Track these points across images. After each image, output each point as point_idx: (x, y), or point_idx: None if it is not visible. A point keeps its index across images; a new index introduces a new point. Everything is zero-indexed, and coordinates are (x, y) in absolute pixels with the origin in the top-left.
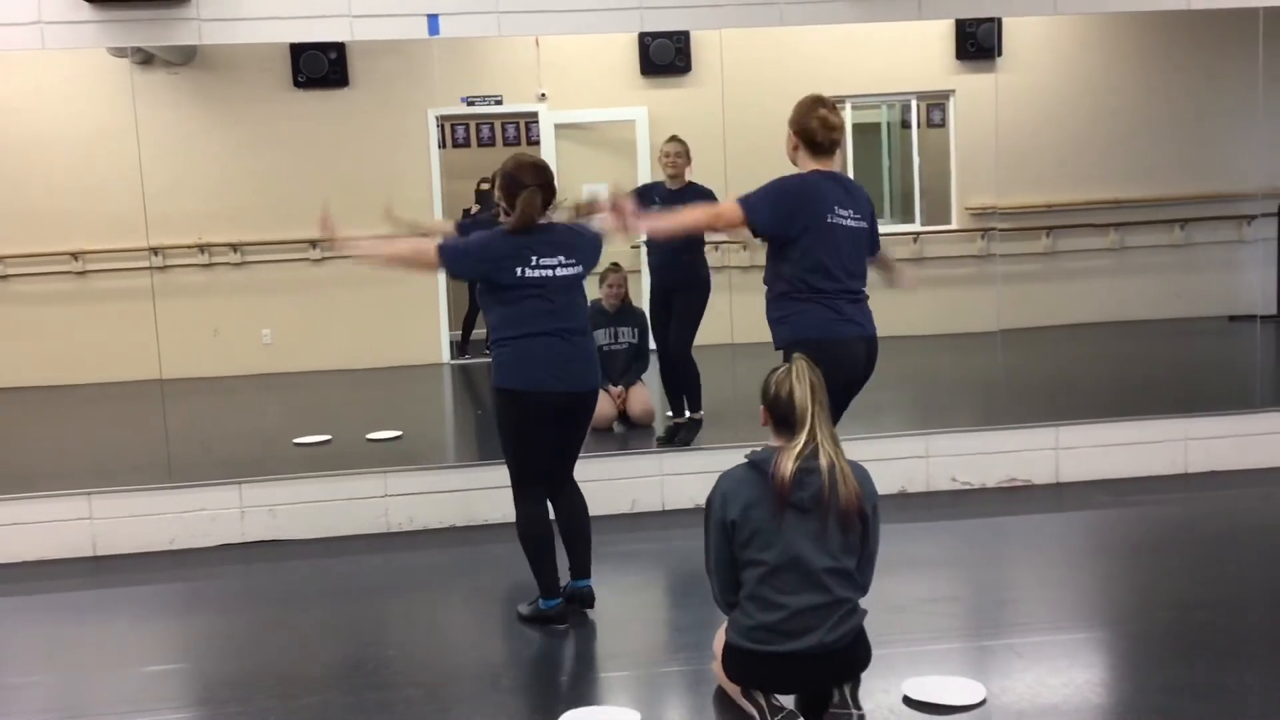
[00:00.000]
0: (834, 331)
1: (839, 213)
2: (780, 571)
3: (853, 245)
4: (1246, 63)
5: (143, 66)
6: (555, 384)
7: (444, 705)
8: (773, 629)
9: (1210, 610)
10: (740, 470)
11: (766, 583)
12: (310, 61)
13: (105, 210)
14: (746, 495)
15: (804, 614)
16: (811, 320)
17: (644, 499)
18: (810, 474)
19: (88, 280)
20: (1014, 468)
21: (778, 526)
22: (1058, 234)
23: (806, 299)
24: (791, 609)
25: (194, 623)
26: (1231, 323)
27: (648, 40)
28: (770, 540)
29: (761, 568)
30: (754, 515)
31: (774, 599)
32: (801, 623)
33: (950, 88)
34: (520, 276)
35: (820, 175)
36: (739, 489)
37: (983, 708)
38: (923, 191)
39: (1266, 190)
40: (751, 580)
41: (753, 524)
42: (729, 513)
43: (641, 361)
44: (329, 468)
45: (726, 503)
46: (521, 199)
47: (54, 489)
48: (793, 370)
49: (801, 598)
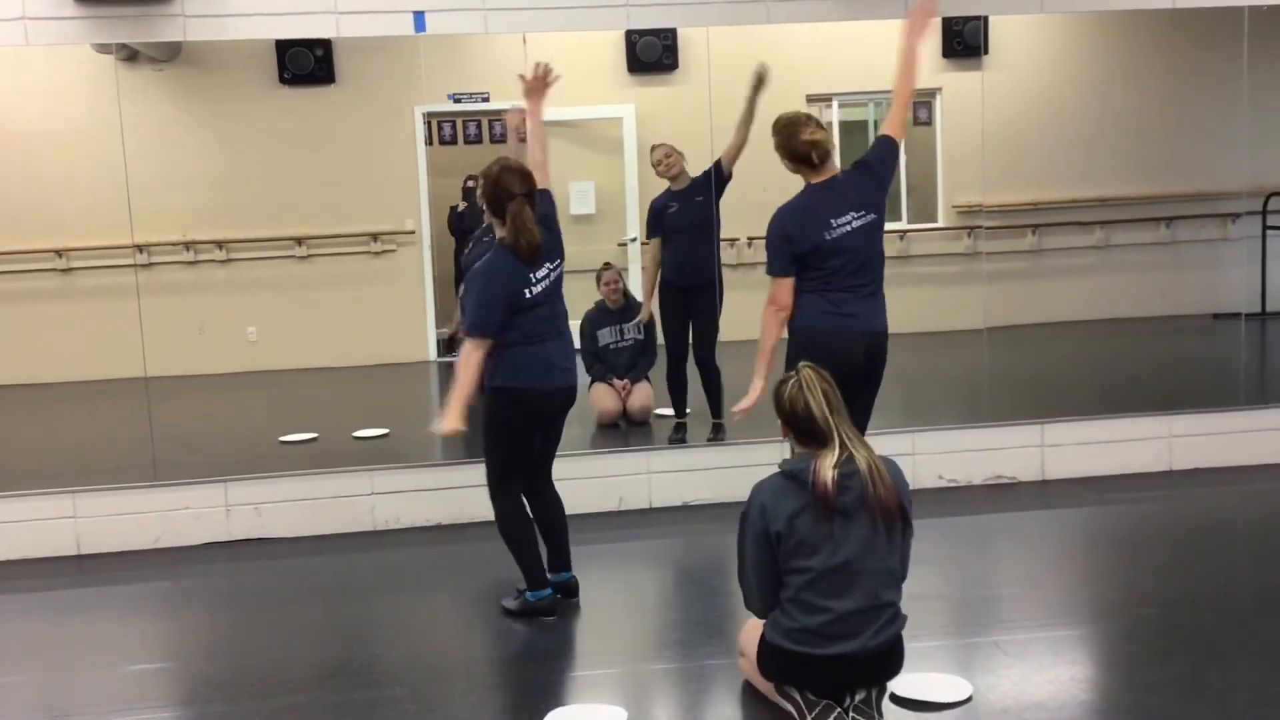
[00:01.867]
0: (827, 324)
1: (837, 224)
2: (826, 576)
3: (859, 245)
4: (1231, 61)
5: (128, 63)
6: (553, 381)
7: (430, 704)
8: (816, 632)
9: (1194, 607)
10: (776, 481)
11: (811, 588)
12: (296, 58)
13: (90, 207)
14: (789, 506)
15: (849, 618)
16: (807, 313)
17: (631, 496)
18: (850, 478)
19: (72, 278)
20: (1000, 465)
21: (826, 533)
22: (1044, 232)
23: (809, 291)
24: (837, 613)
25: (179, 622)
26: (1216, 320)
27: (635, 38)
28: (817, 547)
29: (807, 574)
30: (799, 525)
31: (818, 603)
32: (846, 626)
33: (937, 86)
34: (529, 298)
35: (813, 191)
36: (780, 500)
37: (969, 705)
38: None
39: (1251, 188)
40: (795, 585)
41: (798, 534)
42: (772, 524)
43: (648, 357)
44: (315, 466)
45: (768, 514)
46: (511, 214)
47: (37, 487)
48: (800, 383)
49: (846, 602)
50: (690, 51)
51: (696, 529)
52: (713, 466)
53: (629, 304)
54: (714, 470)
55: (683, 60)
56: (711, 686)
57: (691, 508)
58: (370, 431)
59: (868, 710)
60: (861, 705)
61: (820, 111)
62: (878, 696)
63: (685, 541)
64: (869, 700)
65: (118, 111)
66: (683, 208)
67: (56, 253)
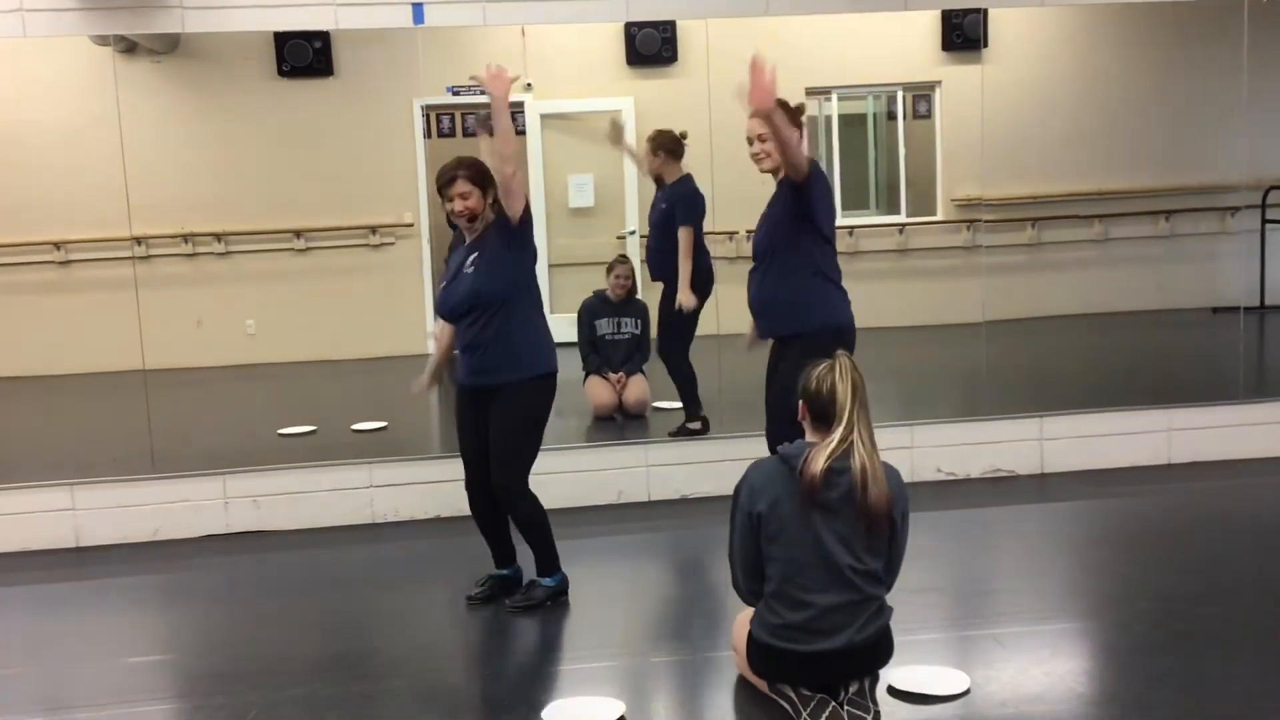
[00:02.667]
0: (852, 318)
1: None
2: (807, 569)
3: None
4: (1231, 54)
5: (126, 55)
6: None
7: (428, 696)
8: (801, 628)
9: (1193, 600)
10: (770, 463)
11: (793, 580)
12: (294, 50)
13: (88, 200)
14: (775, 489)
15: (833, 612)
16: (843, 308)
17: (629, 490)
18: (840, 474)
19: (70, 270)
20: (998, 458)
21: (805, 524)
22: (1043, 225)
23: (836, 285)
24: (820, 607)
25: (178, 614)
26: (1215, 314)
27: (634, 30)
28: (796, 536)
29: (788, 565)
30: (781, 510)
31: (801, 597)
32: (830, 621)
33: (936, 79)
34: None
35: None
36: (767, 483)
37: (966, 697)
38: (908, 183)
39: (1250, 182)
40: (777, 576)
41: (779, 519)
42: (756, 504)
43: (643, 352)
44: (314, 458)
45: (754, 494)
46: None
47: (36, 480)
48: (836, 366)
49: (829, 595)
50: (689, 44)
51: (695, 522)
52: (711, 460)
53: (631, 299)
54: (712, 463)
55: (682, 53)
56: (709, 679)
57: (690, 501)
58: (369, 425)
59: (862, 702)
60: (855, 698)
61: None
62: (871, 686)
63: (683, 535)
64: (862, 691)
65: (115, 103)
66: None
67: (54, 245)
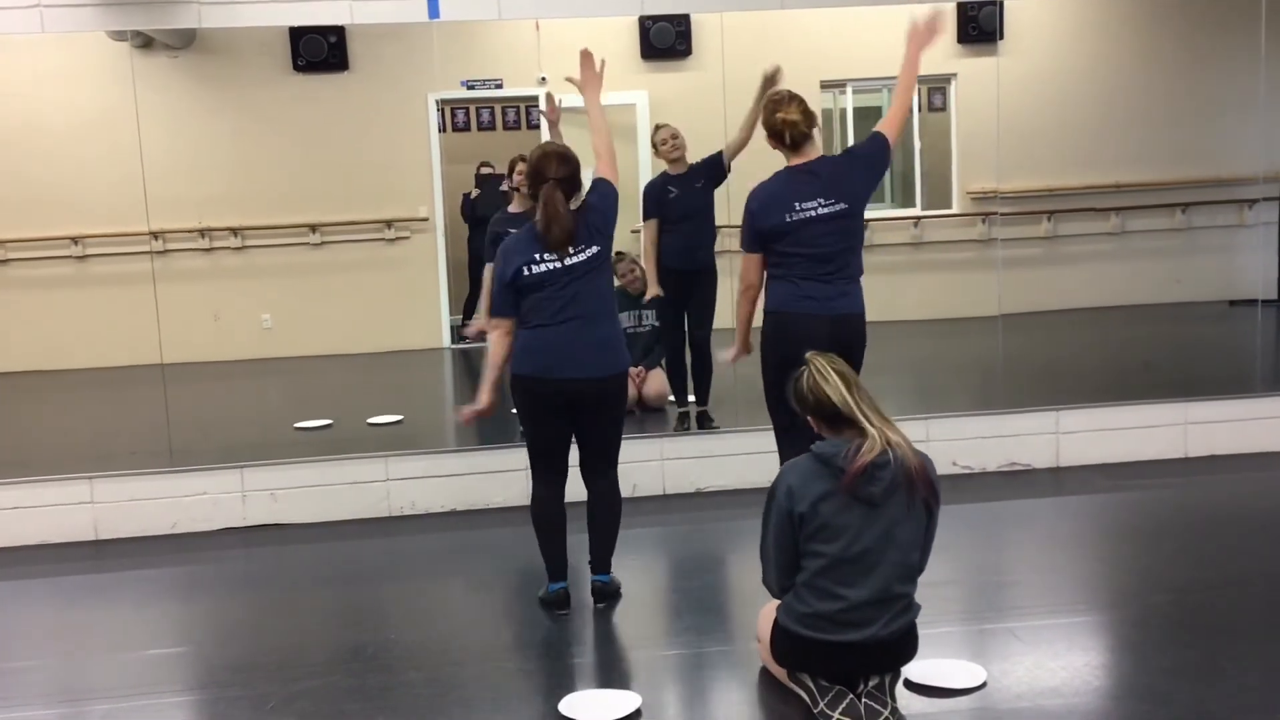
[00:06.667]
0: (788, 306)
1: (801, 207)
2: (844, 564)
3: (822, 231)
4: (1248, 46)
5: (142, 50)
6: (555, 372)
7: (445, 689)
8: (829, 618)
9: (1209, 594)
10: (806, 462)
11: (827, 574)
12: (310, 45)
13: (105, 194)
14: (817, 489)
15: (862, 607)
16: (774, 295)
17: (644, 483)
18: (883, 469)
19: (88, 264)
20: (1014, 452)
21: (848, 521)
22: (1059, 218)
23: (778, 277)
24: (851, 601)
25: (195, 607)
26: (1232, 307)
27: (648, 23)
28: (838, 534)
29: (824, 559)
30: (823, 509)
31: (833, 589)
32: (859, 615)
33: (952, 72)
34: (528, 277)
35: (787, 173)
36: (809, 483)
37: (983, 691)
38: (924, 175)
39: (1268, 174)
40: (811, 569)
41: (822, 518)
42: (797, 505)
43: (663, 345)
44: (330, 452)
45: (794, 495)
46: (542, 197)
47: (55, 473)
48: (814, 374)
49: (861, 591)
50: (704, 38)
51: (710, 516)
52: (726, 453)
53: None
54: (728, 457)
55: (696, 46)
56: (725, 673)
57: (705, 495)
58: (385, 418)
59: (881, 696)
60: (874, 691)
61: (835, 98)
62: (891, 682)
63: (699, 528)
64: (882, 686)
65: (133, 98)
66: (682, 193)
67: (72, 240)
